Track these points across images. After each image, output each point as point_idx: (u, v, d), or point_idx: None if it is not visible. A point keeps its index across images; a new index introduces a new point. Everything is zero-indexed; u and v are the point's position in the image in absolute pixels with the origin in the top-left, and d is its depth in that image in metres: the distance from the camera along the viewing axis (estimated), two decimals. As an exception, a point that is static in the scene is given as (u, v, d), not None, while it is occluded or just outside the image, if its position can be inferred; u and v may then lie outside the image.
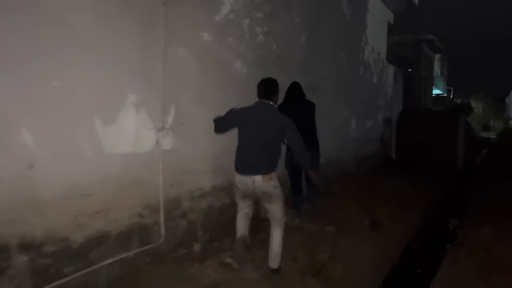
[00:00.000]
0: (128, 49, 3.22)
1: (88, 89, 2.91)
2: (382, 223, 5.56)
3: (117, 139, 3.15)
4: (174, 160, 3.70)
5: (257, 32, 4.89)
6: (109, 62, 3.07)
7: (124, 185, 3.21)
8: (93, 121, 2.96)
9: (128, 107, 3.24)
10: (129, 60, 3.24)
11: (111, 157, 3.09)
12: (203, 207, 4.07)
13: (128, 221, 3.26)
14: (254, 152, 3.31)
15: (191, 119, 3.88)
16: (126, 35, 3.21)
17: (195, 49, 3.92)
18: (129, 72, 3.24)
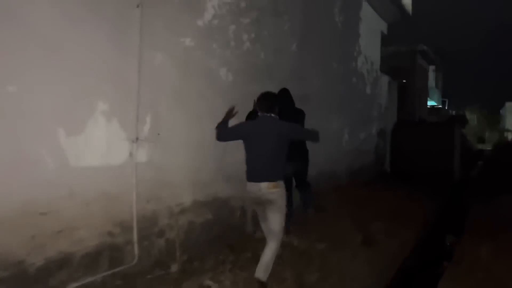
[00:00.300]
0: (98, 53, 2.98)
1: (50, 96, 2.65)
2: (376, 239, 5.30)
3: (84, 151, 2.89)
4: (150, 174, 3.44)
5: (243, 39, 4.68)
6: (76, 66, 2.83)
7: (91, 201, 2.93)
8: (56, 131, 2.69)
9: (98, 116, 2.98)
10: (100, 65, 2.99)
11: (76, 171, 2.82)
12: (183, 224, 3.79)
13: (96, 241, 2.97)
14: (260, 161, 3.40)
15: (169, 129, 3.63)
16: (97, 37, 2.97)
17: (175, 55, 3.69)
18: (99, 78, 2.99)
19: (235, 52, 4.53)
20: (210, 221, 4.11)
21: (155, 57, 3.46)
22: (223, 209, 4.33)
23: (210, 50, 4.15)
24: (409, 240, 5.60)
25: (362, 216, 5.98)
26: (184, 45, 3.79)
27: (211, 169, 4.16)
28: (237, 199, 4.58)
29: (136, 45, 3.24)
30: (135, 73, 3.23)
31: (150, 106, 3.42)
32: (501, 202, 7.47)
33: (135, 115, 3.25)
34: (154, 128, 3.45)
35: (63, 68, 2.73)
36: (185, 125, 3.81)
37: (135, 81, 3.24)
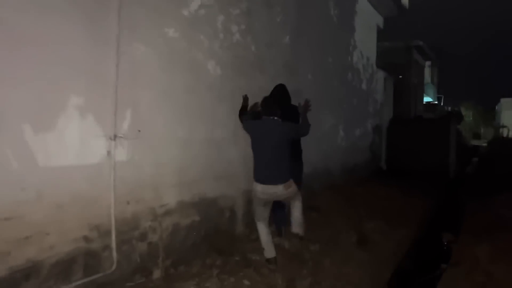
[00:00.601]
0: (71, 43, 2.74)
1: (15, 89, 2.41)
2: (371, 239, 5.11)
3: (55, 149, 2.65)
4: (130, 173, 3.20)
5: (232, 31, 4.44)
6: (46, 57, 2.58)
7: (64, 204, 2.70)
8: (22, 128, 2.45)
9: (71, 111, 2.74)
10: (73, 56, 2.75)
11: (46, 171, 2.58)
12: (167, 226, 3.56)
13: (69, 247, 2.74)
14: (269, 163, 3.55)
15: (152, 126, 3.40)
16: (70, 27, 2.73)
17: (158, 46, 3.45)
18: (72, 70, 2.75)
19: (224, 44, 4.29)
20: (197, 223, 3.89)
21: (135, 48, 3.22)
22: (211, 210, 4.11)
23: (197, 42, 3.91)
24: (405, 240, 5.41)
25: (357, 215, 5.79)
26: (168, 36, 3.55)
27: (198, 167, 3.94)
28: (226, 198, 4.36)
29: (114, 35, 2.99)
30: (113, 65, 2.99)
31: (130, 101, 3.18)
32: (498, 200, 7.31)
33: (113, 110, 3.01)
34: (135, 125, 3.21)
35: (31, 60, 2.49)
36: (170, 121, 3.58)
37: (113, 73, 3.00)
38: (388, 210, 6.38)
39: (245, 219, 4.63)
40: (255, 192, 3.60)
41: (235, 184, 4.51)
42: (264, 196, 3.58)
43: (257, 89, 4.86)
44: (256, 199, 3.68)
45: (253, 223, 4.82)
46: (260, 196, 3.59)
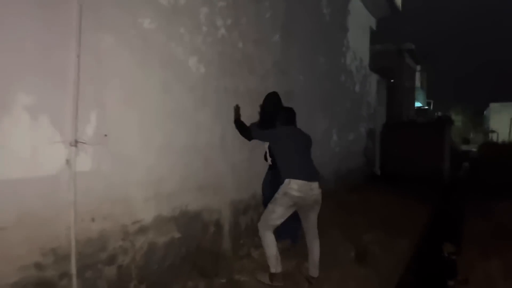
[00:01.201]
0: (20, 29, 2.27)
1: None
2: (370, 252, 4.70)
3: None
4: (96, 186, 2.73)
5: (217, 25, 4.00)
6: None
7: (9, 225, 2.22)
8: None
9: (18, 113, 2.27)
10: (22, 45, 2.28)
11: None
12: (141, 245, 3.08)
13: (16, 276, 2.25)
14: (306, 162, 3.65)
15: (123, 130, 2.93)
16: (18, 9, 2.26)
17: (130, 39, 2.99)
18: (21, 63, 2.28)
19: (208, 39, 3.85)
20: (177, 240, 3.42)
21: (101, 39, 2.75)
22: (193, 225, 3.64)
23: (177, 35, 3.46)
24: (405, 252, 5.02)
25: (353, 225, 5.38)
26: (142, 27, 3.10)
27: (178, 177, 3.48)
28: (211, 211, 3.90)
29: (75, 22, 2.53)
30: (74, 58, 2.53)
31: (95, 100, 2.72)
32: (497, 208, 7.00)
33: (74, 111, 2.54)
34: (101, 128, 2.74)
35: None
36: (145, 124, 3.12)
37: (74, 67, 2.53)
38: (385, 219, 5.99)
39: (232, 233, 4.17)
40: (288, 190, 3.41)
41: (221, 195, 4.05)
42: (298, 194, 3.41)
43: (245, 90, 4.45)
44: (285, 200, 3.44)
45: (241, 237, 4.38)
46: (293, 194, 3.40)
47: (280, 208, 3.45)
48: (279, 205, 3.45)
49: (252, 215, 4.58)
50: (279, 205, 3.45)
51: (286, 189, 3.42)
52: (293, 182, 3.41)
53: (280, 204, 3.45)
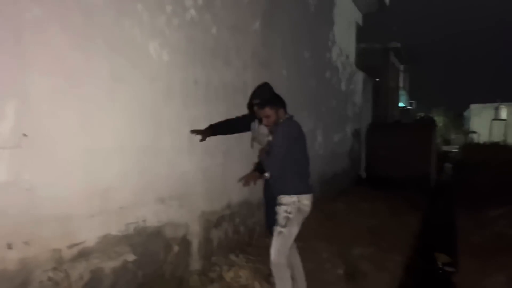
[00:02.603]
0: None
1: None
2: (360, 269, 4.18)
3: None
4: (14, 201, 2.07)
5: (185, 5, 3.38)
6: None
7: None
8: None
9: None
10: None
11: None
12: (80, 274, 2.43)
13: None
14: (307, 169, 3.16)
15: (54, 127, 2.28)
16: None
17: (66, 12, 2.34)
18: None
19: (173, 21, 3.22)
20: (131, 264, 2.78)
21: (24, 9, 2.10)
22: (152, 244, 3.00)
23: (133, 13, 2.82)
24: (398, 268, 4.51)
25: (341, 238, 4.85)
26: (86, 2, 2.45)
27: (132, 187, 2.84)
28: (175, 226, 3.27)
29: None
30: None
31: (14, 89, 2.06)
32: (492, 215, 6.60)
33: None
34: (22, 126, 2.09)
35: None
36: (85, 122, 2.47)
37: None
38: (375, 230, 5.50)
39: (202, 251, 3.55)
40: (303, 207, 2.94)
41: (189, 206, 3.43)
42: (310, 208, 3.05)
43: (219, 84, 3.85)
44: (299, 217, 2.96)
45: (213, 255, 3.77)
46: (307, 209, 3.00)
47: (297, 228, 2.96)
48: (295, 225, 2.93)
49: (226, 227, 3.97)
50: (295, 225, 2.93)
51: (300, 206, 2.92)
52: (306, 197, 2.95)
53: (297, 223, 2.94)
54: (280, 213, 2.89)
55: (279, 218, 2.89)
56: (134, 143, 2.83)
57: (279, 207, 2.91)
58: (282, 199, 2.91)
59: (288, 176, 2.92)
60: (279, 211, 2.91)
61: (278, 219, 2.89)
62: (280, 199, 2.92)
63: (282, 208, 2.90)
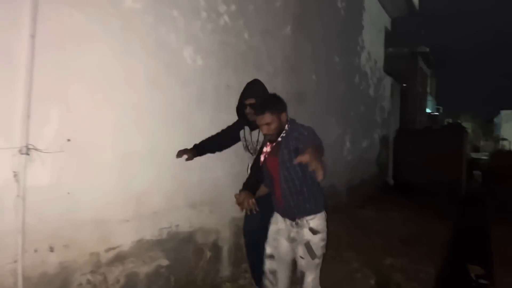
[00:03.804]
0: None
1: None
2: (392, 280, 4.04)
3: None
4: (55, 205, 2.11)
5: (219, 11, 3.39)
6: None
7: None
8: None
9: None
10: None
11: None
12: (117, 278, 2.45)
13: None
14: None
15: (93, 133, 2.31)
16: None
17: (107, 18, 2.38)
18: None
19: (207, 26, 3.23)
20: (164, 269, 2.79)
21: (67, 15, 2.14)
22: (185, 249, 3.01)
23: (169, 19, 2.85)
24: (432, 281, 4.36)
25: (371, 248, 4.72)
26: (124, 6, 2.49)
27: (166, 192, 2.85)
28: (207, 232, 3.27)
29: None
30: (25, 38, 1.92)
31: (56, 95, 2.10)
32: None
33: (25, 108, 1.93)
34: (64, 131, 2.12)
35: None
36: (123, 126, 2.50)
37: (26, 52, 1.92)
38: (405, 239, 5.33)
39: (232, 258, 3.53)
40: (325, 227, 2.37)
41: (220, 212, 3.41)
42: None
43: (250, 89, 3.81)
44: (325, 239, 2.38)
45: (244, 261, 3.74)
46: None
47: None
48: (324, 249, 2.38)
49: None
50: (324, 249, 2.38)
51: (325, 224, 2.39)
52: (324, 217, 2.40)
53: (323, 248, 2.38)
54: (315, 242, 2.28)
55: (313, 247, 2.27)
56: (168, 148, 2.83)
57: (307, 234, 2.28)
58: (312, 221, 2.29)
59: (315, 189, 2.35)
60: (312, 239, 2.27)
61: (310, 249, 2.27)
62: (308, 222, 2.28)
63: (318, 236, 2.29)
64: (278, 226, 2.45)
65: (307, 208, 2.30)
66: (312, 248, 2.27)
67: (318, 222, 2.31)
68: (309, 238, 2.28)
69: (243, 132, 2.96)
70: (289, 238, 2.38)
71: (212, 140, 2.99)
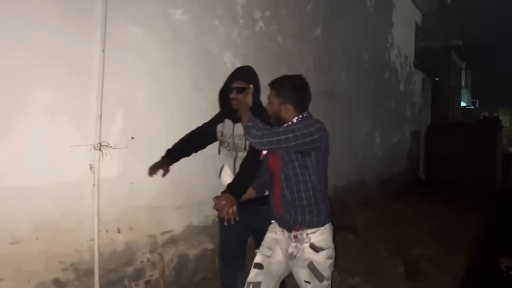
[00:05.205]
0: (39, 21, 2.04)
1: None
2: (420, 269, 4.22)
3: (12, 164, 1.95)
4: (121, 193, 2.48)
5: (255, 17, 3.68)
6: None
7: (24, 237, 2.00)
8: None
9: (36, 113, 2.05)
10: (41, 37, 2.05)
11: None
12: (171, 258, 2.81)
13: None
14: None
15: (149, 131, 2.67)
16: (36, 4, 2.03)
17: (159, 31, 2.73)
18: (39, 60, 2.05)
19: (244, 32, 3.54)
20: (210, 252, 3.12)
21: (129, 31, 2.50)
22: (227, 235, 3.34)
23: (211, 28, 3.17)
24: (460, 270, 4.50)
25: (400, 238, 4.89)
26: (173, 19, 2.83)
27: (209, 183, 3.17)
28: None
29: (100, 13, 2.28)
30: (98, 52, 2.28)
31: (121, 99, 2.47)
32: None
33: (98, 110, 2.30)
34: (126, 130, 2.48)
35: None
36: (173, 125, 2.84)
37: (98, 63, 2.28)
38: (434, 231, 5.46)
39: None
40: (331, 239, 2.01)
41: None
42: None
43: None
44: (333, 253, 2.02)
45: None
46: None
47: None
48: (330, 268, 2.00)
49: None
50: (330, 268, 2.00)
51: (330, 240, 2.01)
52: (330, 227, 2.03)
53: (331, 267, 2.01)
54: (320, 262, 1.92)
55: (318, 268, 1.91)
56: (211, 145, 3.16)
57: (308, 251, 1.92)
58: (313, 236, 1.93)
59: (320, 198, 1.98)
60: (314, 258, 1.92)
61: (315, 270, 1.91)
62: (309, 236, 1.93)
63: (322, 254, 1.92)
64: (277, 236, 2.07)
65: (307, 220, 1.92)
66: (317, 269, 1.91)
67: (320, 238, 1.93)
68: (311, 257, 1.91)
69: (221, 125, 2.51)
70: (286, 253, 2.00)
71: (187, 141, 2.55)
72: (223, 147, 2.51)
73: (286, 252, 2.00)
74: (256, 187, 2.19)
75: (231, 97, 2.36)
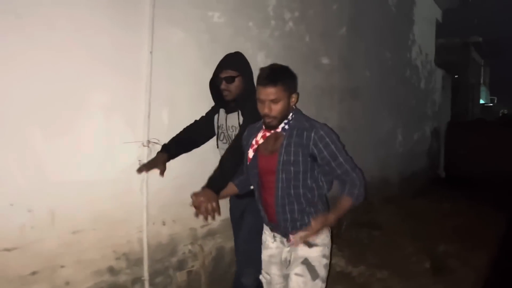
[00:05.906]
0: (94, 27, 2.18)
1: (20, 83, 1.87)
2: (446, 265, 4.28)
3: (72, 160, 2.10)
4: (166, 187, 2.62)
5: (285, 18, 3.79)
6: (61, 43, 2.04)
7: (83, 228, 2.15)
8: (29, 133, 1.91)
9: (93, 112, 2.19)
10: (95, 45, 2.19)
11: (59, 188, 2.03)
12: (210, 250, 2.95)
13: (90, 281, 2.18)
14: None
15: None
16: (91, 10, 2.17)
17: (199, 33, 2.86)
18: (95, 60, 2.19)
19: (275, 33, 3.65)
20: (244, 245, 3.25)
21: (172, 34, 2.63)
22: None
23: (245, 29, 3.29)
24: (485, 267, 4.53)
25: (424, 235, 4.95)
26: (211, 21, 2.96)
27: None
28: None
29: (147, 18, 2.42)
30: (146, 54, 2.42)
31: (166, 98, 2.61)
32: None
33: (147, 109, 2.44)
34: (172, 127, 2.62)
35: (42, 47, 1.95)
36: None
37: (146, 64, 2.42)
38: (458, 229, 5.48)
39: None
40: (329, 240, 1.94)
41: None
42: None
43: (310, 87, 4.20)
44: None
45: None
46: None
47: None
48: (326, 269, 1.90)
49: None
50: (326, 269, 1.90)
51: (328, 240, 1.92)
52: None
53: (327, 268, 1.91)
54: (315, 257, 1.83)
55: (314, 265, 1.81)
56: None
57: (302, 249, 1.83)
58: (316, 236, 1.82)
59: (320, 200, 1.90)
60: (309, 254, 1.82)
61: (310, 266, 1.81)
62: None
63: (316, 250, 1.83)
64: (270, 252, 1.99)
65: (306, 224, 1.81)
66: (312, 265, 1.80)
67: (315, 236, 1.79)
68: (305, 254, 1.81)
69: (217, 117, 2.44)
70: (280, 262, 1.95)
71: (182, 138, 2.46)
72: (220, 139, 2.43)
73: (280, 262, 1.94)
74: (239, 184, 2.12)
75: (222, 88, 2.26)
